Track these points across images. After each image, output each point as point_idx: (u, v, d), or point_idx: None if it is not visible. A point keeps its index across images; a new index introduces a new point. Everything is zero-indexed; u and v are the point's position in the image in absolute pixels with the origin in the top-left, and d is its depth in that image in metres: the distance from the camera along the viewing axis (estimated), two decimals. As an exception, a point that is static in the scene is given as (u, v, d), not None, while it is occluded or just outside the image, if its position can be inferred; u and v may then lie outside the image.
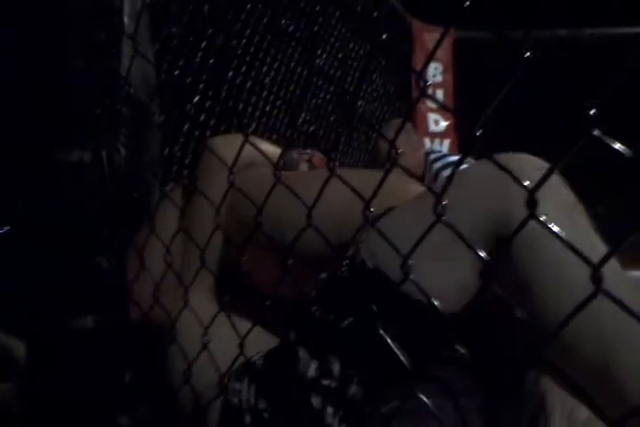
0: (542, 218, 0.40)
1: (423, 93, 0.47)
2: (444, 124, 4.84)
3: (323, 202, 0.66)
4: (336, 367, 0.77)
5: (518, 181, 0.45)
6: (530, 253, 0.71)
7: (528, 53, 0.39)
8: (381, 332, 0.60)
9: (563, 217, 0.73)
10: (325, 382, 0.77)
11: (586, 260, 0.36)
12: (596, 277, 0.34)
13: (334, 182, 0.62)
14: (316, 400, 0.77)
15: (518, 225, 0.42)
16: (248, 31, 2.11)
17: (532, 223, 0.41)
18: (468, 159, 1.47)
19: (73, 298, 1.29)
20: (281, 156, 0.86)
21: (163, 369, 1.03)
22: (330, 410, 0.76)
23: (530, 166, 0.74)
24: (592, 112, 0.33)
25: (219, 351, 0.87)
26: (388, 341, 0.58)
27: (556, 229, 0.43)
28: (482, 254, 0.45)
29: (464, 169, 0.80)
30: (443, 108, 4.92)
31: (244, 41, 2.10)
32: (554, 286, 0.71)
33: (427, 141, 4.68)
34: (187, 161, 1.94)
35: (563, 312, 0.38)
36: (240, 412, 0.86)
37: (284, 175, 0.72)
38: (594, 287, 0.35)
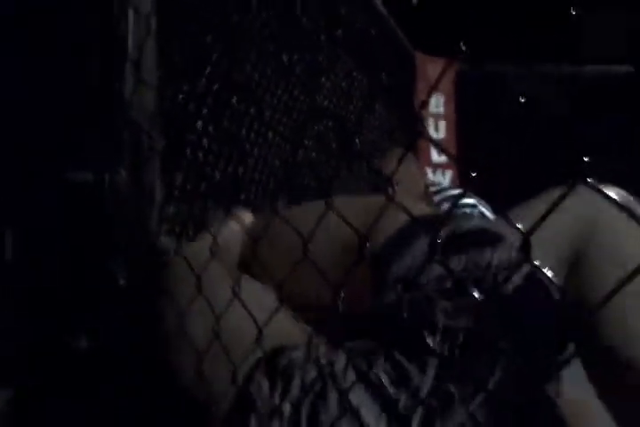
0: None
1: (419, 133, 0.47)
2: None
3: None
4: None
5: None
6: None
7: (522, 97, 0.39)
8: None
9: None
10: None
11: None
12: None
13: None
14: None
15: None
16: (253, 59, 2.14)
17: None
18: (469, 194, 1.47)
19: (70, 317, 1.28)
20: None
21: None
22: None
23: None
24: (586, 160, 0.33)
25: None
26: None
27: None
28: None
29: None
30: (439, 149, 4.95)
31: (249, 68, 2.12)
32: None
33: (429, 172, 4.70)
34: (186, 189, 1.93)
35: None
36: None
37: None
38: None
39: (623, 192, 0.91)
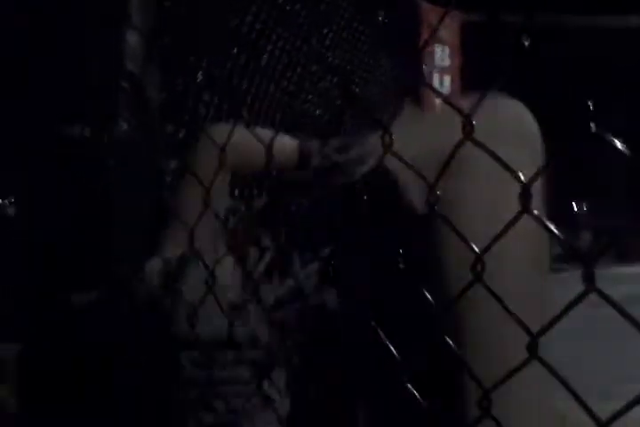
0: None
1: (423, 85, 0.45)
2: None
3: None
4: None
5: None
6: None
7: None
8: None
9: None
10: None
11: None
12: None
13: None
14: None
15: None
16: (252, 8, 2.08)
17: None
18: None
19: (71, 273, 1.28)
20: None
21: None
22: None
23: None
24: (591, 107, 0.32)
25: None
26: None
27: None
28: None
29: None
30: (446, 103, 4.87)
31: (249, 18, 2.07)
32: None
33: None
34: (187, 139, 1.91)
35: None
36: None
37: None
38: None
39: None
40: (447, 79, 5.24)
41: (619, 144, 0.32)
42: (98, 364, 1.19)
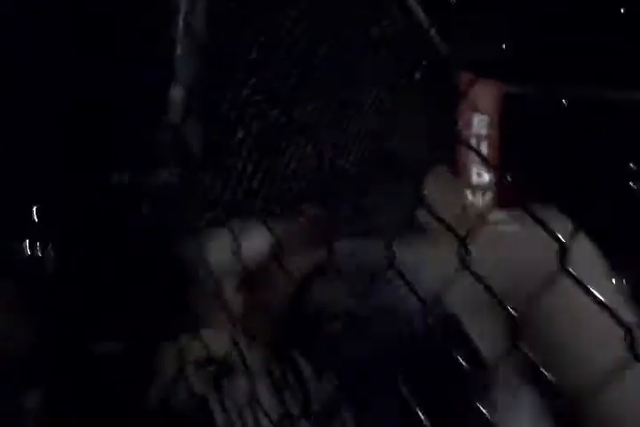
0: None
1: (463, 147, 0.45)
2: (486, 177, 4.78)
3: None
4: None
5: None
6: None
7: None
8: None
9: None
10: None
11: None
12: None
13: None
14: None
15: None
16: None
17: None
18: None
19: (99, 321, 1.27)
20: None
21: None
22: None
23: None
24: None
25: None
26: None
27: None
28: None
29: None
30: (484, 161, 4.88)
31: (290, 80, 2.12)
32: None
33: (468, 194, 4.62)
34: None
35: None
36: None
37: None
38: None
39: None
40: (484, 146, 5.26)
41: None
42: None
